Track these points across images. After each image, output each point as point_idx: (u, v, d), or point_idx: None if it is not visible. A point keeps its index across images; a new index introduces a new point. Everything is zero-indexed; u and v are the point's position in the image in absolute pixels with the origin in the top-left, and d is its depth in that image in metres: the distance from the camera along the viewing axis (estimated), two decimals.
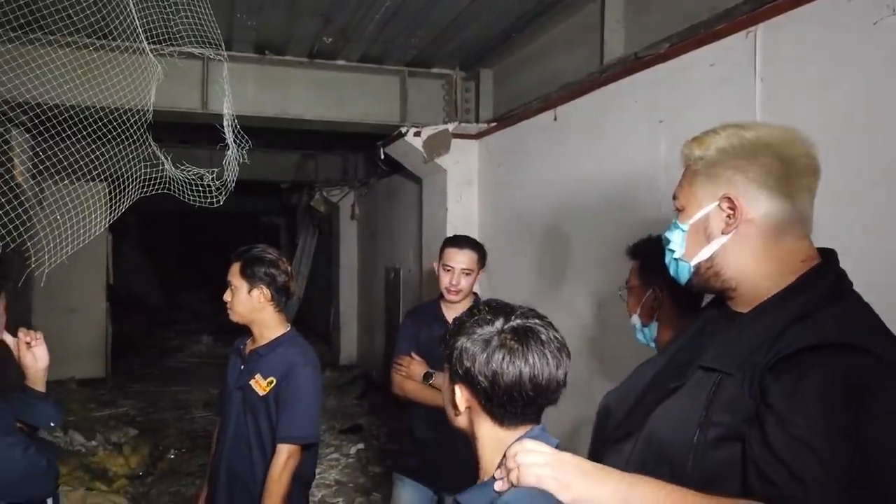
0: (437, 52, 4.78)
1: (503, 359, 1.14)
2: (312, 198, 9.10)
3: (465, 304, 2.90)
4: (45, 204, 3.37)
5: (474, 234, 4.91)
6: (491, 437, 1.21)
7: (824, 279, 1.19)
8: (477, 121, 5.07)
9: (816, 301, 1.14)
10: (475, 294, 2.97)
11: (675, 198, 1.32)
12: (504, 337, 1.16)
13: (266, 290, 2.33)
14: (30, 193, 4.47)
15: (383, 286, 7.35)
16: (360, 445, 5.83)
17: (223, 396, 2.50)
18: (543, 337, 1.18)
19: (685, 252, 1.28)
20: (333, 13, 3.99)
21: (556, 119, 3.87)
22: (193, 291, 16.62)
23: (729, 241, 1.22)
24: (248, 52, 4.65)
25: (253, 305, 2.34)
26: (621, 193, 3.26)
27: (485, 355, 1.16)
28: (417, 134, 4.87)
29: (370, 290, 8.22)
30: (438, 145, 4.86)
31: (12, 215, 2.99)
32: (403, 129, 4.90)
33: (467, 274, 2.84)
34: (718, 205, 1.22)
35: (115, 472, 4.98)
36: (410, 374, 2.79)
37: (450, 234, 4.96)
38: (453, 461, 2.76)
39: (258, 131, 3.35)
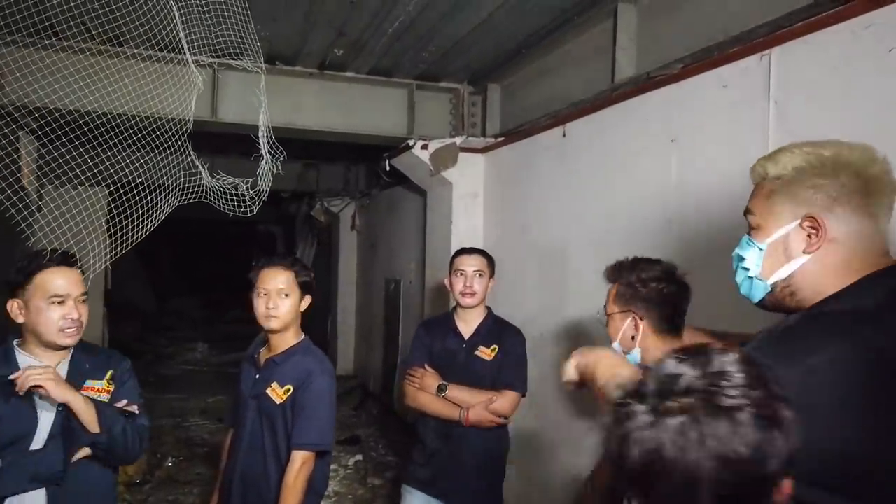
0: (445, 67, 4.83)
1: None
2: (313, 207, 9.12)
3: (479, 312, 2.93)
4: (50, 207, 3.38)
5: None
6: None
7: (868, 288, 1.16)
8: (483, 135, 5.12)
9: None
10: (488, 308, 2.99)
11: (749, 213, 1.32)
12: None
13: (308, 299, 2.42)
14: (34, 196, 4.47)
15: (383, 297, 7.36)
16: (359, 457, 5.81)
17: (236, 405, 2.51)
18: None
19: (762, 271, 1.27)
20: (347, 26, 4.03)
21: (564, 135, 3.91)
22: (186, 298, 16.56)
23: (809, 261, 1.22)
24: (259, 62, 4.68)
25: (297, 314, 2.41)
26: (630, 211, 3.29)
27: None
28: (425, 147, 4.90)
29: (369, 301, 8.23)
30: (445, 158, 4.89)
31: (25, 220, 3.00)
32: (410, 142, 4.94)
33: (480, 275, 2.89)
34: (800, 224, 1.22)
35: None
36: (424, 386, 2.81)
37: (455, 247, 4.99)
38: (463, 472, 2.78)
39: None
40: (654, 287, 1.76)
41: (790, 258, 1.23)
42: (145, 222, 2.34)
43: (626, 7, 3.53)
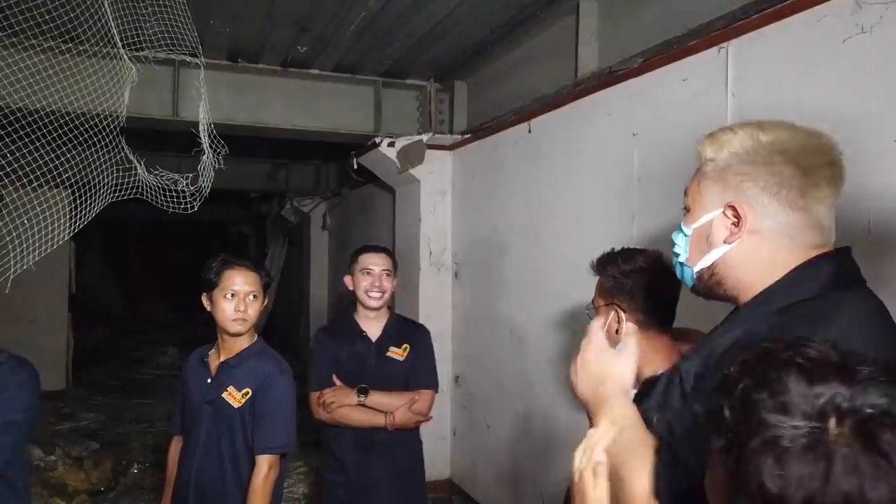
0: (411, 64, 4.79)
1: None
2: (283, 207, 9.02)
3: (383, 313, 2.86)
4: (5, 211, 3.28)
5: (447, 245, 4.92)
6: None
7: (808, 277, 1.09)
8: (451, 132, 5.08)
9: (790, 299, 1.06)
10: (390, 308, 2.93)
11: (685, 194, 1.25)
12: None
13: (264, 301, 2.36)
14: None
15: None
16: None
17: (185, 412, 2.44)
18: None
19: (689, 257, 1.21)
20: (309, 22, 3.97)
21: (530, 131, 3.89)
22: (157, 301, 16.29)
23: (732, 250, 1.14)
24: (221, 60, 4.60)
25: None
26: (594, 206, 3.29)
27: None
28: (391, 144, 4.86)
29: (341, 302, 8.15)
30: (412, 156, 4.85)
31: None
32: (377, 139, 4.89)
33: (387, 274, 2.81)
34: (723, 212, 1.15)
35: (76, 487, 4.83)
36: (341, 402, 2.68)
37: (423, 245, 4.96)
38: (387, 481, 2.69)
39: (230, 139, 3.30)
40: (635, 277, 1.69)
41: (712, 246, 1.17)
42: (82, 219, 2.27)
43: (587, 2, 3.52)
